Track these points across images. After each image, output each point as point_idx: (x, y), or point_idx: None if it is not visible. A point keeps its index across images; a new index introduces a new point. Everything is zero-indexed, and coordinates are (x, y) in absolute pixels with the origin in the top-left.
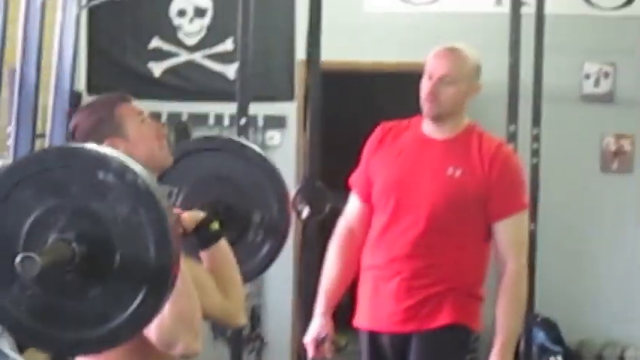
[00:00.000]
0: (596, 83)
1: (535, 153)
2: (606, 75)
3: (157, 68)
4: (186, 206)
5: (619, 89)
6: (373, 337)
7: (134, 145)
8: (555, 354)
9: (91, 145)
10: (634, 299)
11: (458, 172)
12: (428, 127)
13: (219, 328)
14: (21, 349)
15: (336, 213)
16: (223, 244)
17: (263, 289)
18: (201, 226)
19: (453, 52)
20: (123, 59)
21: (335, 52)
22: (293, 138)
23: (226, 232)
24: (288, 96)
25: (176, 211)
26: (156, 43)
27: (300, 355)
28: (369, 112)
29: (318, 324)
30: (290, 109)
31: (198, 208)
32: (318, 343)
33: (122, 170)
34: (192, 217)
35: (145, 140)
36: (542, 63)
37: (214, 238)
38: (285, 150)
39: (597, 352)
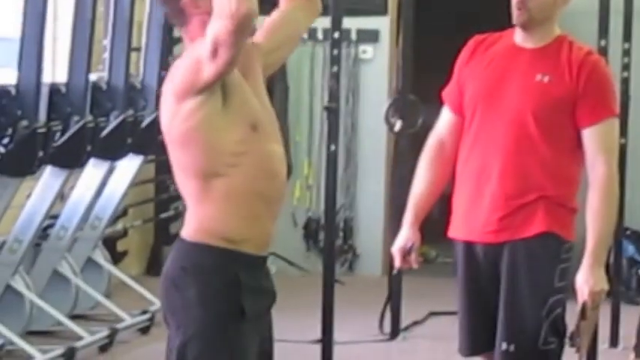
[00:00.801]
0: None
1: (626, 67)
2: None
3: None
4: None
5: None
6: (468, 247)
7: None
8: None
9: None
10: None
11: (546, 79)
12: (519, 37)
13: (311, 239)
14: (115, 260)
15: (428, 127)
16: None
17: (355, 202)
18: None
19: None
20: None
21: None
22: (386, 52)
23: None
24: (382, 10)
25: None
26: None
27: (391, 267)
28: (462, 26)
29: (406, 235)
30: (383, 23)
31: None
32: (405, 253)
33: None
34: None
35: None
36: None
37: None
38: (377, 64)
39: None
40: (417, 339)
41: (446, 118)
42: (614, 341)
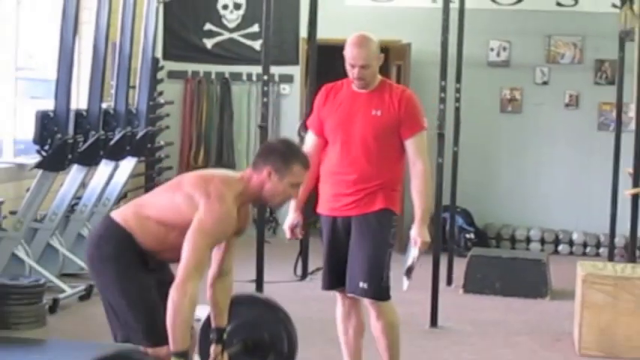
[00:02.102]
0: (498, 54)
1: (457, 100)
2: (504, 48)
3: (208, 43)
4: (231, 340)
5: (513, 58)
6: (332, 220)
7: (275, 187)
8: (469, 232)
9: (128, 351)
10: (521, 196)
11: (379, 112)
12: (357, 87)
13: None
14: None
15: None
16: None
17: None
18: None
19: (362, 45)
20: (187, 36)
21: (326, 32)
22: (298, 89)
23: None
24: (295, 61)
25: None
26: (208, 26)
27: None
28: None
29: (292, 217)
30: (296, 70)
31: (238, 340)
32: (292, 228)
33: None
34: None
35: (282, 194)
36: (463, 40)
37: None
38: (292, 97)
39: (497, 231)
40: (319, 280)
41: (311, 139)
42: (449, 281)
